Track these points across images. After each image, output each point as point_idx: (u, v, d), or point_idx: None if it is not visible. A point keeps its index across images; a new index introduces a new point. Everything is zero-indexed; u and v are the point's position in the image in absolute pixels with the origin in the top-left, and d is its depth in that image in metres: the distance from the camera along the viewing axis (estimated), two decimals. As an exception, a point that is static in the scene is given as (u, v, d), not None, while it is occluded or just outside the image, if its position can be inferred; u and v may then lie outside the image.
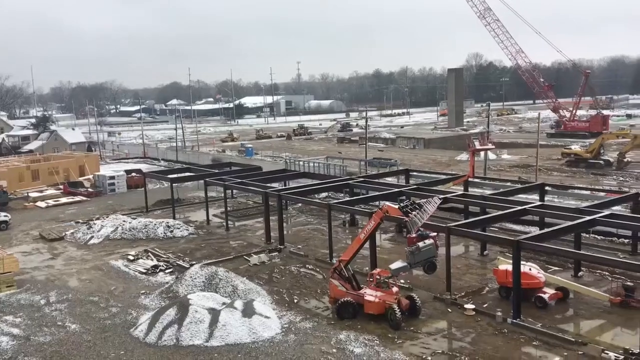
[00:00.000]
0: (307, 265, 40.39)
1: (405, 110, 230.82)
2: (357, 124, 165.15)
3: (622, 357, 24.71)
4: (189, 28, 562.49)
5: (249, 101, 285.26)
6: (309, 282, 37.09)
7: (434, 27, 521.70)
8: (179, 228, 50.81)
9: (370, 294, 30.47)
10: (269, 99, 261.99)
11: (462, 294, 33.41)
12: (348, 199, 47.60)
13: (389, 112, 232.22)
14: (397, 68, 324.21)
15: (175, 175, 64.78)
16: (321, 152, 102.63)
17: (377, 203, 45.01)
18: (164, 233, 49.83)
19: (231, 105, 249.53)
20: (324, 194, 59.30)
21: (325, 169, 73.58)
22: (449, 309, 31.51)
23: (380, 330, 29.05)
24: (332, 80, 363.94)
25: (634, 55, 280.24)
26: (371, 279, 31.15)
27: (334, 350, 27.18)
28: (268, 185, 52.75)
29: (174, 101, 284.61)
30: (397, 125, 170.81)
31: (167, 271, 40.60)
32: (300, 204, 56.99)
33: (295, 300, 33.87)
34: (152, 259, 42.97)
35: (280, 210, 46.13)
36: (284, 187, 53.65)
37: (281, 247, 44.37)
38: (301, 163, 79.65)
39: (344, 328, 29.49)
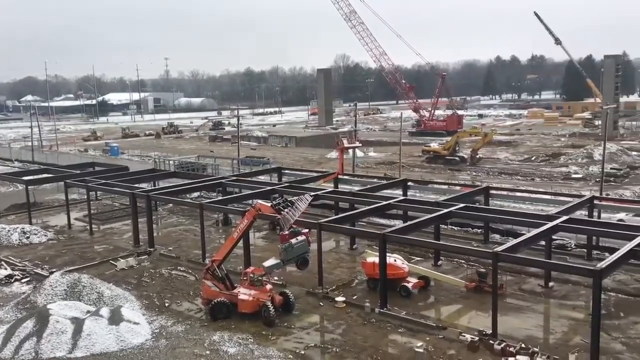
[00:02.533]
0: (178, 267, 39.42)
1: (277, 109, 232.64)
2: (229, 122, 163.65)
3: (477, 338, 26.93)
4: (45, 16, 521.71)
5: (114, 98, 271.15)
6: (180, 285, 36.22)
7: (303, 27, 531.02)
8: (36, 234, 47.21)
9: (244, 293, 30.45)
10: (136, 96, 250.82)
11: (334, 287, 34.48)
12: (221, 198, 47.10)
13: (261, 110, 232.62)
14: (268, 67, 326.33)
15: (31, 177, 59.96)
16: (192, 151, 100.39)
17: (250, 201, 45.01)
18: (19, 239, 46.06)
19: (94, 102, 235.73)
20: (195, 194, 58.16)
21: (197, 168, 72.10)
22: (321, 303, 32.37)
23: (255, 328, 29.15)
24: (202, 78, 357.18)
25: (485, 60, 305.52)
26: (245, 278, 31.12)
27: (208, 352, 26.84)
28: (136, 185, 50.67)
29: (29, 97, 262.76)
30: (269, 124, 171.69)
31: (23, 280, 37.61)
32: (171, 205, 55.43)
33: (167, 304, 32.93)
34: (5, 268, 39.52)
35: (149, 211, 44.51)
36: (153, 188, 51.82)
37: (151, 249, 42.86)
38: (171, 162, 77.37)
39: (217, 329, 29.20)
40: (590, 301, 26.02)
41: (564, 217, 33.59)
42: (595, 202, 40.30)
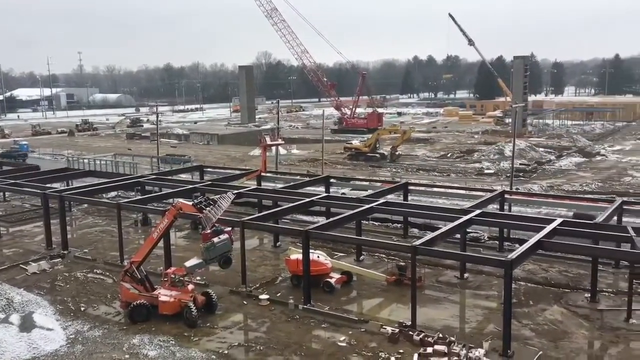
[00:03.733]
0: (95, 270, 37.96)
1: (198, 106, 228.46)
2: (148, 120, 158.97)
3: (397, 329, 27.72)
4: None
5: (22, 93, 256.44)
6: (97, 288, 34.91)
7: (224, 23, 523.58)
8: (-64, 239, 43.97)
9: (164, 294, 29.79)
10: (47, 92, 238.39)
11: (257, 285, 34.40)
12: (139, 197, 45.74)
13: (181, 107, 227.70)
14: (188, 62, 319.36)
15: None
16: (109, 149, 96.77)
17: (170, 200, 44.01)
18: None
19: (0, 97, 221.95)
20: (113, 194, 56.16)
21: (114, 167, 69.62)
22: (244, 301, 32.21)
23: (176, 329, 28.59)
24: (119, 73, 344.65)
25: (403, 60, 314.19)
26: (166, 279, 30.46)
27: (127, 356, 26.05)
28: (48, 185, 48.29)
29: None
30: (190, 121, 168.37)
31: None
32: (86, 205, 53.23)
33: (82, 309, 31.64)
34: None
35: (63, 212, 42.49)
36: (66, 187, 49.54)
37: (65, 252, 41.01)
38: (86, 161, 74.22)
39: (137, 332, 28.40)
40: (502, 291, 27.39)
41: (478, 211, 35.13)
42: (506, 196, 42.39)
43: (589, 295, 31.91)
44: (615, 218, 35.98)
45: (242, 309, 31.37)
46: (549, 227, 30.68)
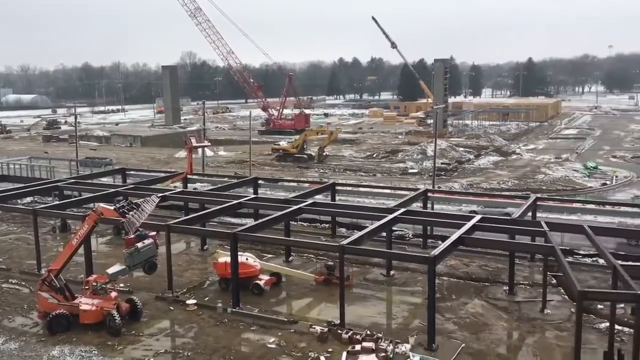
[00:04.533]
0: (10, 280, 36.01)
1: (120, 107, 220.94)
2: (65, 121, 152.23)
3: (326, 329, 28.01)
4: None
5: None
6: (13, 299, 33.13)
7: (146, 22, 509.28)
8: None
9: (86, 303, 28.68)
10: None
11: (184, 290, 33.79)
12: (57, 202, 43.77)
13: (102, 108, 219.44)
14: (108, 62, 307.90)
15: None
16: (24, 153, 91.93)
17: (91, 205, 42.40)
18: None
19: None
20: (28, 199, 53.42)
21: (30, 172, 66.21)
22: (171, 307, 31.53)
23: (99, 339, 27.60)
24: (34, 73, 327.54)
25: (329, 61, 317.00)
26: (87, 287, 29.32)
27: (47, 368, 24.92)
28: (-45, 192, 45.30)
29: None
30: (111, 123, 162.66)
31: None
32: (-2, 212, 50.43)
33: (-3, 321, 29.95)
34: None
35: (-27, 220, 40.05)
36: (-24, 194, 46.62)
37: (-25, 262, 38.63)
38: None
39: (57, 343, 27.19)
40: (426, 286, 28.27)
41: (402, 210, 36.08)
42: (429, 194, 43.79)
43: (507, 288, 33.50)
44: (530, 214, 37.92)
45: (168, 315, 30.69)
46: (469, 224, 31.97)
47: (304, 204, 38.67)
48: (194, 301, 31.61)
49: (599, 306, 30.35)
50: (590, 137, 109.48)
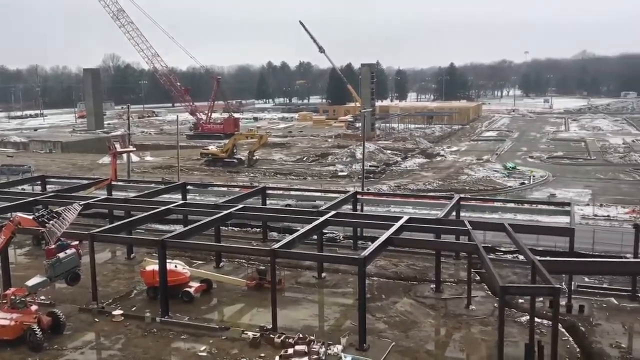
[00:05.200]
0: None
1: (38, 112, 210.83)
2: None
3: (259, 334, 27.87)
4: None
5: None
6: None
7: (66, 23, 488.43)
8: None
9: (4, 318, 27.20)
10: None
11: (110, 300, 32.73)
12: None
13: (19, 113, 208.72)
14: (25, 65, 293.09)
15: None
16: None
17: (8, 215, 40.23)
18: None
19: None
20: None
21: None
22: (96, 319, 30.44)
23: (19, 355, 26.29)
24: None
25: (257, 65, 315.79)
26: (5, 301, 27.83)
27: (-40, 390, 23.43)
28: None
29: None
30: (29, 128, 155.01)
31: None
32: None
33: None
34: None
35: None
36: None
37: None
38: None
39: (-29, 363, 25.63)
40: (357, 287, 28.69)
41: (333, 212, 36.45)
42: (359, 197, 44.47)
43: (434, 286, 34.56)
44: (454, 213, 39.27)
45: (93, 327, 29.62)
46: (397, 225, 32.75)
47: (235, 208, 38.33)
48: (121, 312, 30.65)
49: (520, 300, 31.87)
50: (509, 139, 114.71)
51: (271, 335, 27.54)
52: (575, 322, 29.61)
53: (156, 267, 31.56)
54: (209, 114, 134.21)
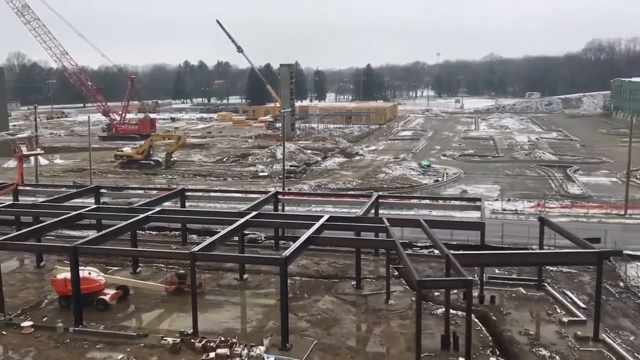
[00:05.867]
0: None
1: None
2: None
3: (179, 339, 27.28)
4: None
5: None
6: None
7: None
8: None
9: None
10: None
11: (19, 312, 31.04)
12: None
13: None
14: None
15: None
16: None
17: None
18: None
19: None
20: None
21: None
22: (3, 332, 28.76)
23: None
24: None
25: (174, 64, 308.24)
26: None
27: None
28: None
29: None
30: None
31: None
32: None
33: None
34: None
35: None
36: None
37: None
38: None
39: None
40: (279, 287, 28.72)
41: (254, 213, 36.31)
42: (279, 196, 44.53)
43: (355, 282, 35.20)
44: (373, 211, 40.16)
45: (0, 341, 27.88)
46: (317, 224, 33.09)
47: (152, 211, 37.30)
48: (30, 323, 29.10)
49: (436, 293, 33.09)
50: (424, 138, 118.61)
51: (192, 340, 27.05)
52: (487, 312, 31.09)
53: (68, 275, 30.20)
54: (123, 115, 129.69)
